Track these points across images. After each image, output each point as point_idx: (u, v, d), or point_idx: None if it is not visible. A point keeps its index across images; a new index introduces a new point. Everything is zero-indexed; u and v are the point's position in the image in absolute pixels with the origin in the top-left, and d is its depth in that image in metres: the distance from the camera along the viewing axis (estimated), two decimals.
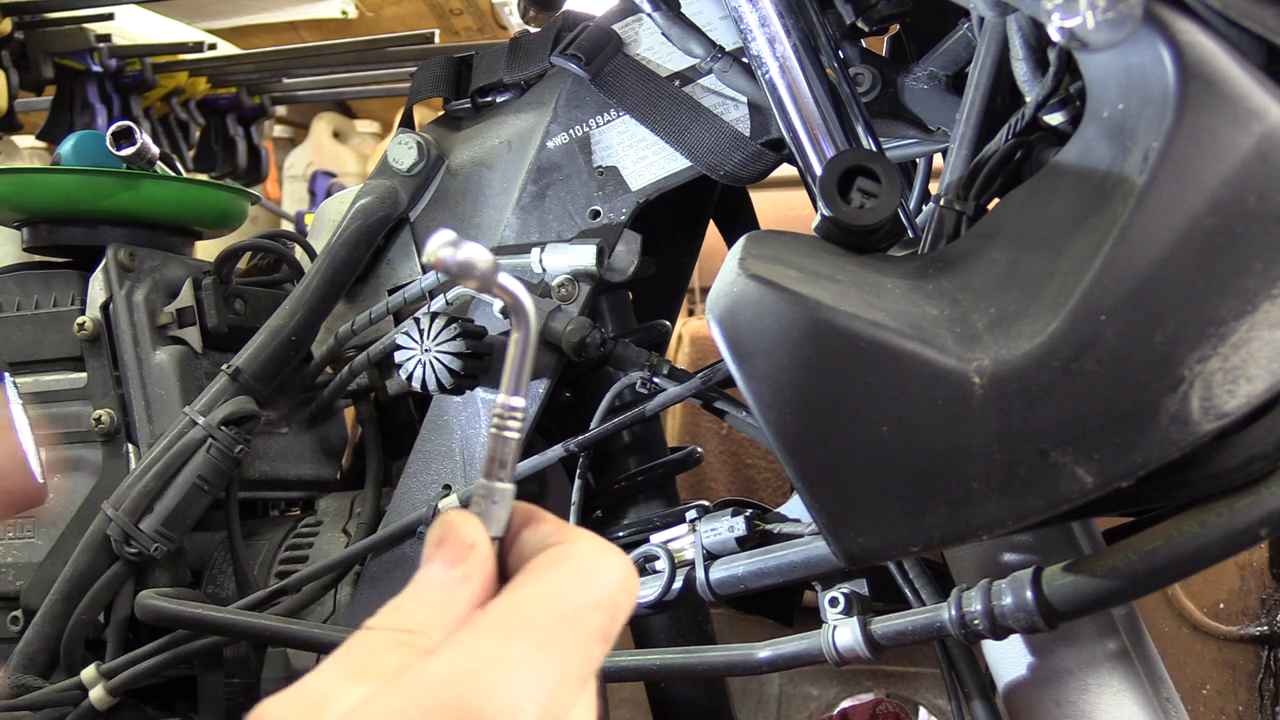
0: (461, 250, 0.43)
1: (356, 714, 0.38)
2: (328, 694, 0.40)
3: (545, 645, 0.40)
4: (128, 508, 1.06)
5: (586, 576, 0.43)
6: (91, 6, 2.13)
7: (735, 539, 0.87)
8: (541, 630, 0.41)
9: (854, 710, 1.18)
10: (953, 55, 0.92)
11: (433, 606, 0.43)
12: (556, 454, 1.00)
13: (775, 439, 0.60)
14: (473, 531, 0.45)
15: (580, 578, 0.43)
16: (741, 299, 0.61)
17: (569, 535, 0.45)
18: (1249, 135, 0.53)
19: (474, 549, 0.44)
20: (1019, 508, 0.57)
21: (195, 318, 1.18)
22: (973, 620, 0.71)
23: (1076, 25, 0.51)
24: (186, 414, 1.09)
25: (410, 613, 0.43)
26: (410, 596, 0.43)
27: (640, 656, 0.92)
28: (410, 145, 1.11)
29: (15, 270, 1.26)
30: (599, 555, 0.44)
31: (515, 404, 0.45)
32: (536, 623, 0.41)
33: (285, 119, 3.95)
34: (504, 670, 0.39)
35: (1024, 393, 0.56)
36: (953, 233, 0.74)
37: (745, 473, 1.99)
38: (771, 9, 0.86)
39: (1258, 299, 0.53)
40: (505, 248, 1.06)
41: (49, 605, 1.08)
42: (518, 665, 0.39)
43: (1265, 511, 0.58)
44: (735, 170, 0.99)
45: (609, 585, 0.43)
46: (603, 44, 1.02)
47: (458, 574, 0.44)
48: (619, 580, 0.43)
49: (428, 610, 0.43)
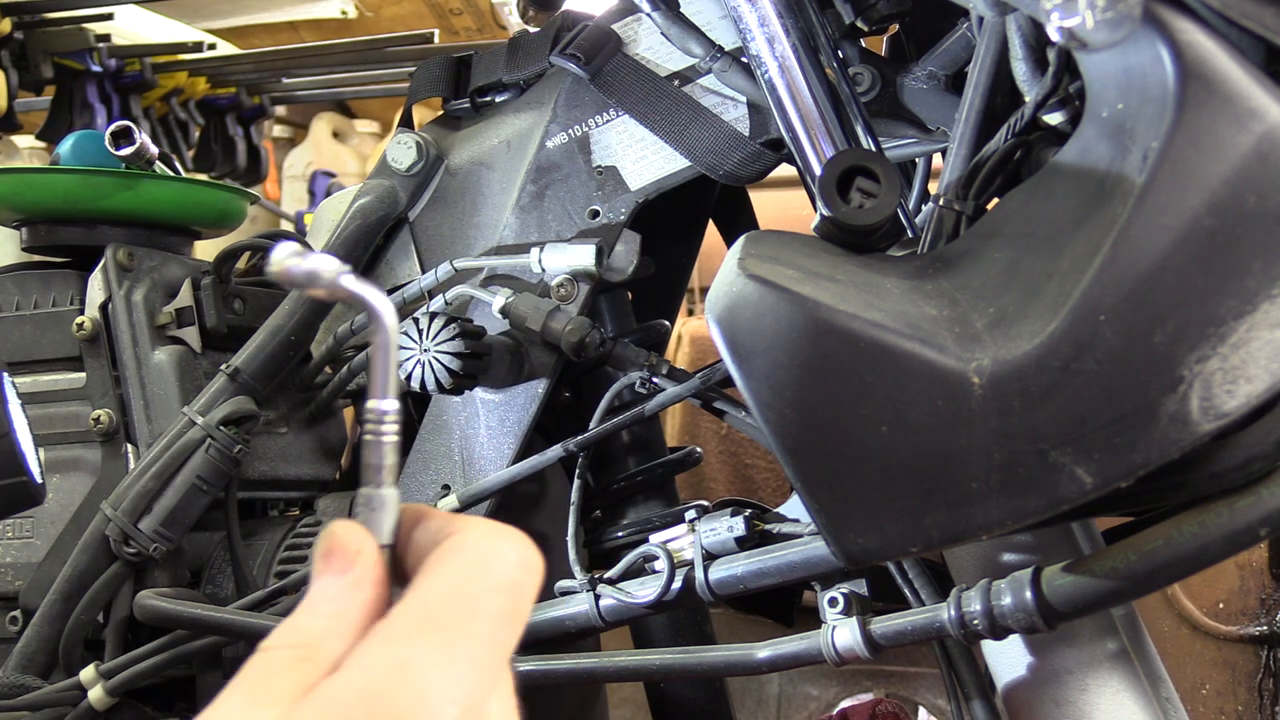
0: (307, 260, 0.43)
1: None
2: None
3: (451, 642, 0.40)
4: (126, 508, 1.06)
5: (481, 563, 0.43)
6: (91, 6, 2.13)
7: (734, 539, 0.87)
8: (445, 627, 0.40)
9: (854, 710, 1.18)
10: (952, 55, 0.92)
11: (326, 618, 0.42)
12: (556, 454, 1.00)
13: (775, 439, 0.60)
14: (356, 539, 0.44)
15: (475, 565, 0.43)
16: (741, 299, 0.61)
17: (458, 526, 0.44)
18: (1249, 135, 0.53)
19: (360, 555, 0.43)
20: (1018, 508, 0.57)
21: (194, 318, 1.18)
22: (972, 620, 0.71)
23: (1076, 25, 0.51)
24: (185, 414, 1.09)
25: (304, 628, 0.42)
26: (303, 611, 0.42)
27: (640, 656, 0.92)
28: (409, 145, 1.11)
29: (14, 270, 1.26)
30: (491, 539, 0.44)
31: (386, 407, 0.45)
32: (439, 620, 0.40)
33: (285, 119, 3.95)
34: (414, 675, 0.39)
35: (1023, 393, 0.56)
36: (952, 233, 0.74)
37: (745, 473, 1.99)
38: (771, 9, 0.86)
39: (1258, 299, 0.53)
40: (504, 248, 1.06)
41: (48, 605, 1.08)
42: (428, 667, 0.39)
43: (1265, 511, 0.58)
44: (734, 170, 0.99)
45: (506, 567, 0.43)
46: (602, 44, 1.02)
47: (346, 582, 0.43)
48: (515, 559, 0.43)
49: (321, 622, 0.42)
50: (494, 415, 1.05)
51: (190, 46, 2.39)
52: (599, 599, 0.92)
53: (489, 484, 1.03)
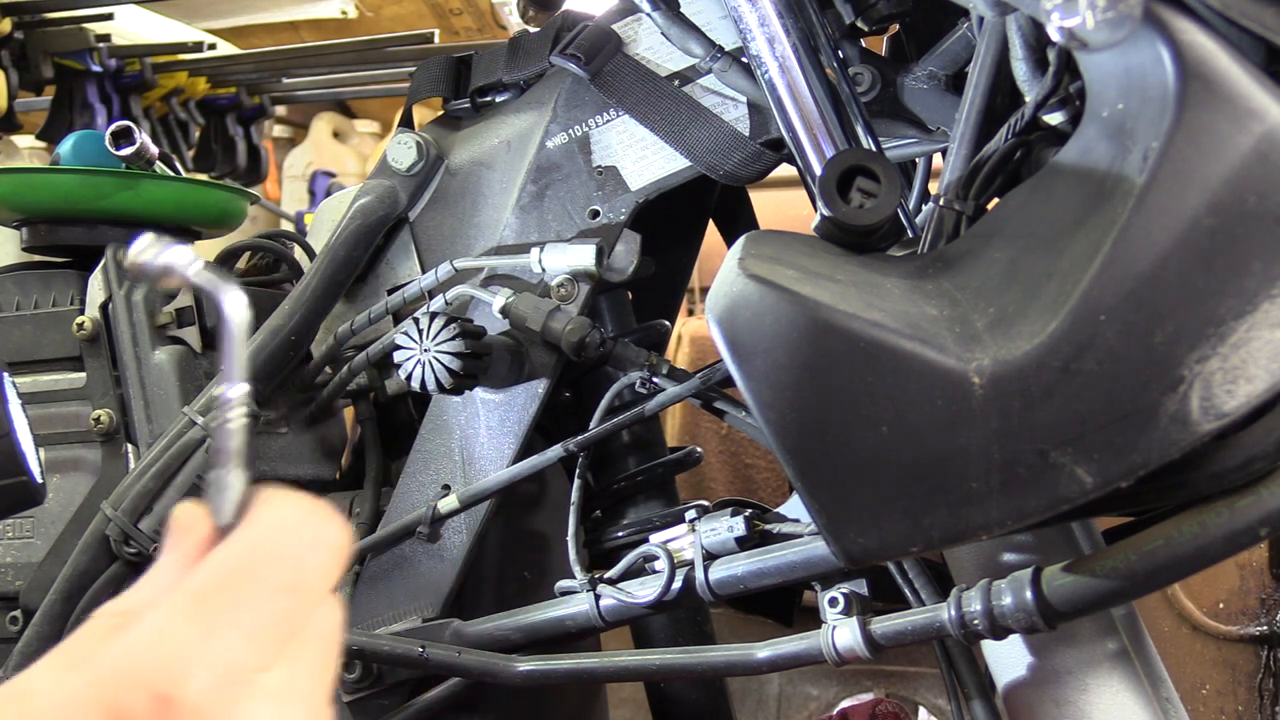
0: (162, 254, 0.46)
1: (40, 698, 0.40)
2: (33, 684, 0.41)
3: (215, 610, 0.42)
4: (127, 508, 1.06)
5: (264, 535, 0.45)
6: (91, 6, 2.13)
7: (735, 539, 0.87)
8: (214, 595, 0.43)
9: (854, 710, 1.18)
10: (952, 55, 0.92)
11: (150, 588, 0.45)
12: (556, 454, 1.00)
13: (775, 439, 0.60)
14: (189, 518, 0.47)
15: (257, 538, 0.45)
16: (741, 299, 0.61)
17: (261, 501, 0.47)
18: (1249, 135, 0.53)
19: (189, 532, 0.46)
20: (1019, 508, 0.57)
21: (194, 317, 1.18)
22: (972, 620, 0.71)
23: (1076, 25, 0.51)
24: (185, 414, 1.09)
25: (129, 598, 0.45)
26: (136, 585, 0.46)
27: (640, 656, 0.92)
28: (409, 145, 1.11)
29: (14, 270, 1.26)
30: (283, 512, 0.46)
31: (232, 394, 0.48)
32: (207, 591, 0.43)
33: (285, 119, 3.95)
34: (170, 639, 0.41)
35: (1024, 393, 0.56)
36: (952, 233, 0.74)
37: (745, 473, 1.99)
38: (771, 9, 0.86)
39: (1258, 299, 0.53)
40: (504, 248, 1.06)
41: (48, 605, 1.08)
42: (184, 634, 0.41)
43: (1265, 511, 0.58)
44: (735, 170, 0.99)
45: (290, 539, 0.45)
46: (602, 44, 1.02)
47: (175, 558, 0.46)
48: (303, 532, 0.46)
49: (145, 593, 0.45)
50: (494, 415, 1.05)
51: (190, 46, 2.39)
52: (599, 599, 0.92)
53: (489, 484, 1.03)
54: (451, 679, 1.00)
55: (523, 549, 1.12)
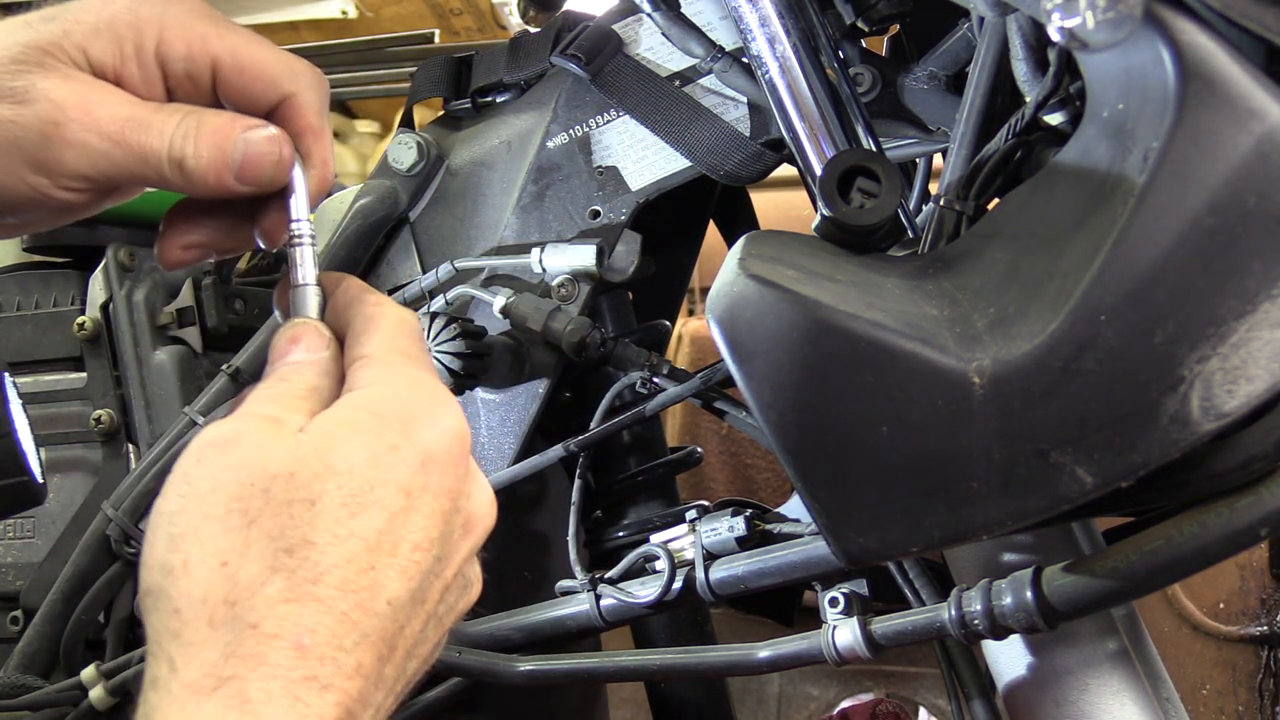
0: None
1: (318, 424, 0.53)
2: (279, 416, 0.53)
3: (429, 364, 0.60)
4: (127, 507, 1.06)
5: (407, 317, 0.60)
6: None
7: (735, 539, 0.87)
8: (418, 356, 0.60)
9: (854, 710, 1.18)
10: (953, 55, 0.92)
11: (316, 366, 0.58)
12: (556, 454, 1.00)
13: (775, 439, 0.60)
14: (310, 325, 0.60)
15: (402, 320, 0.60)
16: (741, 299, 0.61)
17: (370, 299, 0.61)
18: (1249, 135, 0.53)
19: (318, 331, 0.60)
20: (1019, 508, 0.57)
21: (195, 318, 1.18)
22: (973, 620, 0.71)
23: (1076, 25, 0.51)
24: (186, 414, 1.09)
25: (303, 372, 0.58)
26: (292, 370, 0.58)
27: (640, 656, 0.92)
28: (410, 145, 1.11)
29: (15, 270, 1.26)
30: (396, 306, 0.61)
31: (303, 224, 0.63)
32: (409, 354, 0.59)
33: None
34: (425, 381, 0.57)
35: (1024, 393, 0.56)
36: (953, 233, 0.74)
37: (745, 473, 1.99)
38: (771, 9, 0.86)
39: (1258, 299, 0.53)
40: (505, 248, 1.06)
41: (49, 605, 1.09)
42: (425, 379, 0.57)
43: (1265, 511, 0.58)
44: (735, 170, 0.99)
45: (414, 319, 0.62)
46: (602, 44, 1.02)
47: (317, 346, 0.59)
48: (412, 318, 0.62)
49: (315, 368, 0.58)
50: (495, 415, 1.05)
51: None
52: (599, 599, 0.92)
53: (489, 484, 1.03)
54: (452, 679, 1.00)
55: (523, 549, 1.12)
